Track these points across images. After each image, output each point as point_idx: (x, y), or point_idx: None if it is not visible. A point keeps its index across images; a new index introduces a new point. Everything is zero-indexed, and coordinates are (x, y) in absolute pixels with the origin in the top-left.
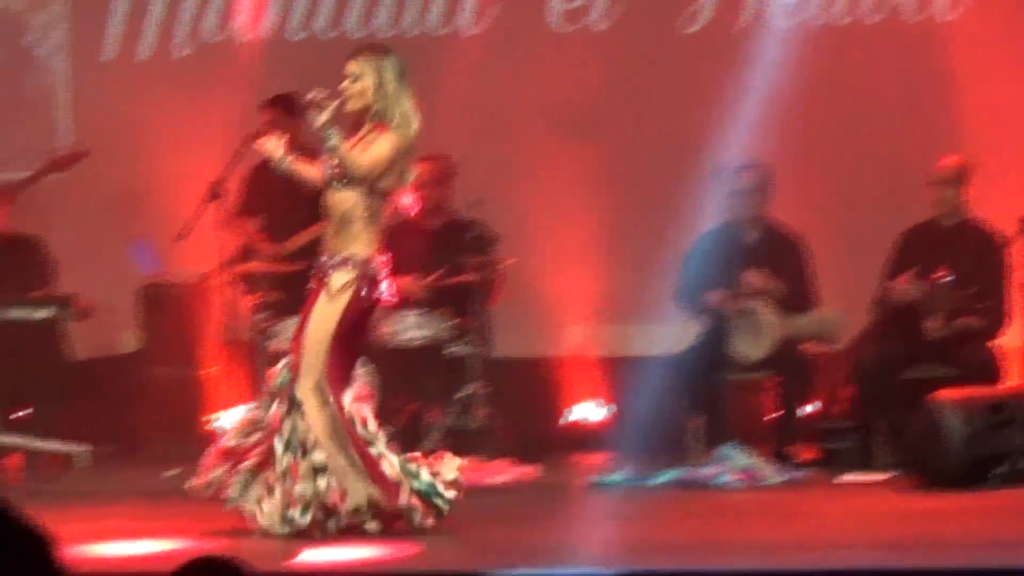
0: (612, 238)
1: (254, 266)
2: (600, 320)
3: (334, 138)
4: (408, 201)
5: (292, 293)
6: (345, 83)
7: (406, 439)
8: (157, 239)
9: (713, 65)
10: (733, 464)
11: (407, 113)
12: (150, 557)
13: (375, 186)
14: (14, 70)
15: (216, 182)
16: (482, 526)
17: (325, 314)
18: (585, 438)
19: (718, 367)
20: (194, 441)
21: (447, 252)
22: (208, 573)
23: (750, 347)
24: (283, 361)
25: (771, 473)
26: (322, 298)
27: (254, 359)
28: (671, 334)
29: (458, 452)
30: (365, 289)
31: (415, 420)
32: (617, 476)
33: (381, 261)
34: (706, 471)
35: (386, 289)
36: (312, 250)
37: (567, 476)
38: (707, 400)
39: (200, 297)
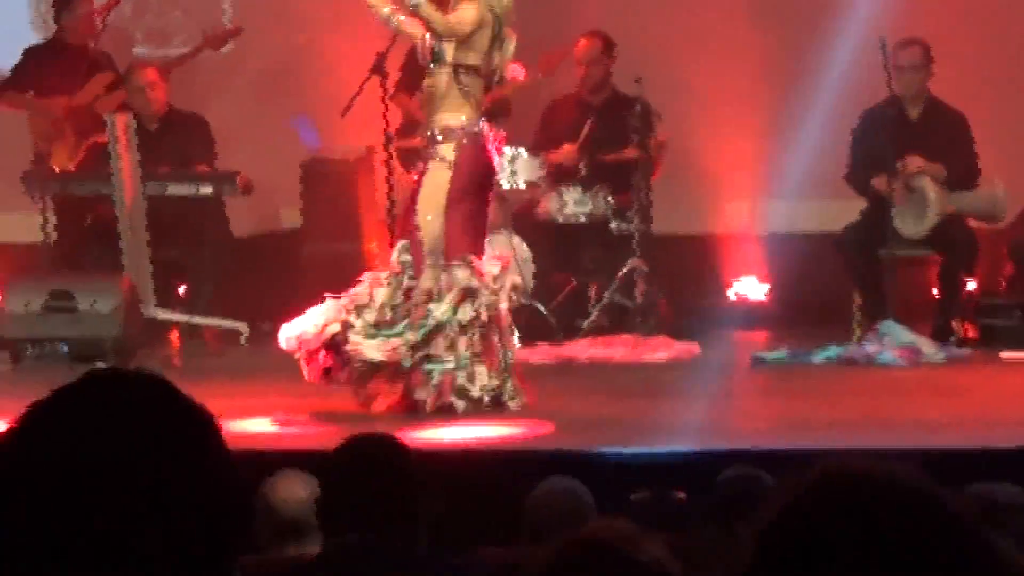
0: (773, 113)
1: (416, 141)
2: (761, 196)
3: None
4: (516, 70)
5: None
6: None
7: (567, 314)
8: (319, 114)
9: None
10: (894, 341)
11: None
12: (310, 435)
13: (463, 62)
14: None
15: (379, 56)
16: (642, 402)
17: (433, 187)
18: (746, 315)
19: (881, 243)
20: None
21: (609, 128)
22: (369, 450)
23: (913, 224)
24: (401, 244)
25: (932, 350)
26: (430, 171)
27: (415, 234)
28: (834, 210)
29: (618, 328)
30: (473, 153)
31: (576, 295)
32: (778, 353)
33: (484, 126)
34: (867, 348)
35: (496, 149)
36: None
37: (727, 353)
38: (869, 277)
39: (362, 172)
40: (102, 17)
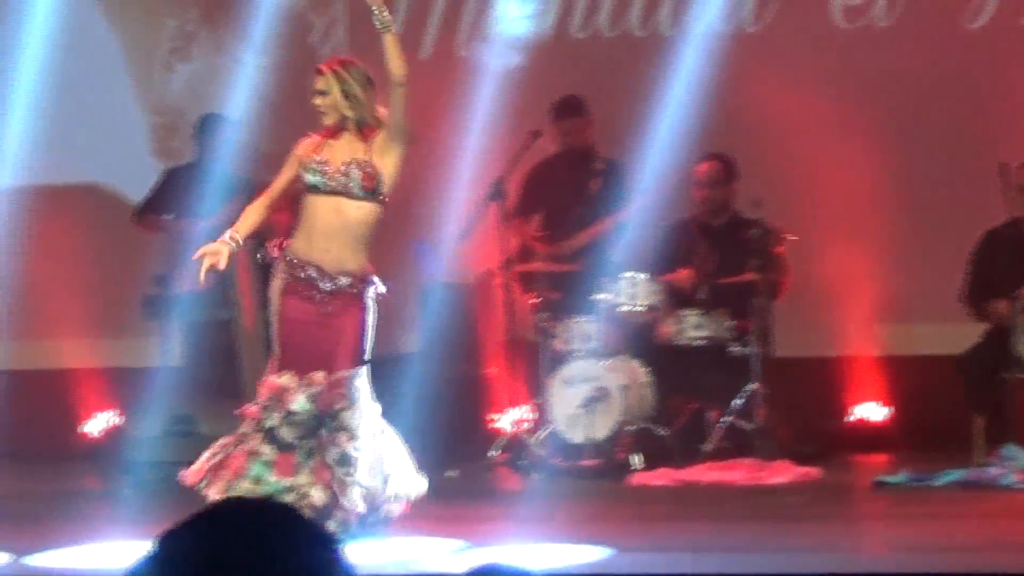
0: (893, 235)
1: (534, 266)
2: (882, 319)
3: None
4: None
5: (571, 293)
6: (316, 100)
7: (686, 438)
8: (438, 239)
9: (998, 60)
10: (1017, 464)
11: (379, 118)
12: (435, 556)
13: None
14: (299, 69)
15: (496, 182)
16: (763, 526)
17: (362, 334)
18: (867, 438)
19: (1002, 366)
20: (476, 441)
21: (730, 251)
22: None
23: None
24: (305, 389)
25: None
26: (368, 315)
27: (535, 358)
28: (954, 333)
29: (739, 452)
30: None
31: (696, 419)
32: (899, 476)
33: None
34: (990, 472)
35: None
36: (590, 250)
37: (849, 476)
38: (991, 400)
39: (481, 297)
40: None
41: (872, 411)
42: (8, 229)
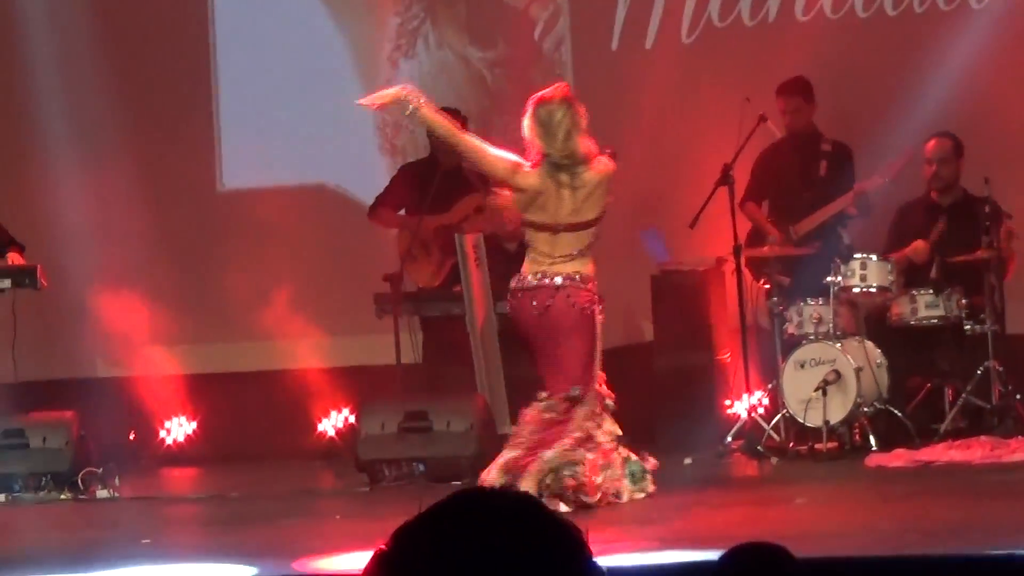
0: None
1: (764, 251)
2: None
3: None
4: None
5: (803, 277)
6: None
7: (923, 417)
8: (667, 226)
9: None
10: None
11: None
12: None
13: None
14: (524, 64)
15: (726, 167)
16: (1003, 504)
17: None
18: None
19: None
20: (711, 427)
21: (959, 230)
22: (756, 559)
23: None
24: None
25: None
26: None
27: (768, 343)
28: None
29: (976, 430)
30: None
31: (932, 398)
32: None
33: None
34: None
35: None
36: (821, 233)
37: None
38: None
39: (712, 283)
40: None
41: None
42: (241, 230)
